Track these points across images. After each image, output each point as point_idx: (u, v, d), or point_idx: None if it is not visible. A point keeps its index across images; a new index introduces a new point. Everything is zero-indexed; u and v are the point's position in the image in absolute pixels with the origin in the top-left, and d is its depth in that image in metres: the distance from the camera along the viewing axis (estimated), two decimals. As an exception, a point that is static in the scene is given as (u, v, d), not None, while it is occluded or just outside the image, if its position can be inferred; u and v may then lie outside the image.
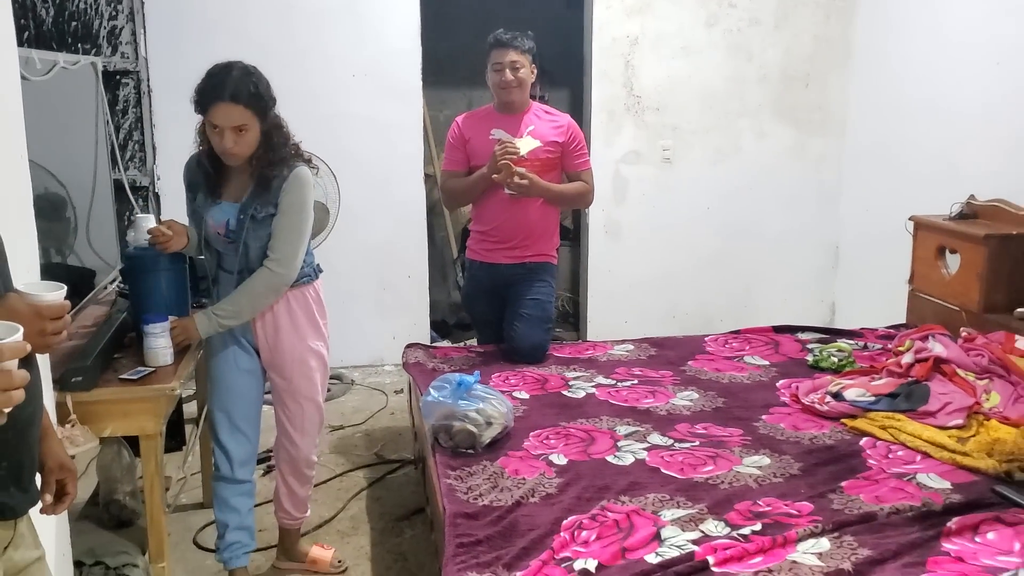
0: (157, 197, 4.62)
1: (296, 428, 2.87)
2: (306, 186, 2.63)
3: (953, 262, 3.83)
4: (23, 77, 2.15)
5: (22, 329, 1.18)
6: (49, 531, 1.99)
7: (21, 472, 1.51)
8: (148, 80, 4.57)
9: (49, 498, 1.66)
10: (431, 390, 2.86)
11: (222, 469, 2.79)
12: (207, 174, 2.64)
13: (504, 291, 3.72)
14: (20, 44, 2.21)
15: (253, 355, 2.78)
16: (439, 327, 5.67)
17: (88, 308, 2.93)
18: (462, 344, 4.64)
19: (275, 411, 2.90)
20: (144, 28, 4.53)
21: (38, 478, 1.62)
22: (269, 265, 2.62)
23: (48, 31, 4.16)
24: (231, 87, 2.46)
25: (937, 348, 3.24)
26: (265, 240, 2.63)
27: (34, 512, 1.60)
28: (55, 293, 1.42)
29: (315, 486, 3.49)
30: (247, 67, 2.53)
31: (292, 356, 2.77)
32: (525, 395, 3.22)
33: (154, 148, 4.64)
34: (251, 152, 2.56)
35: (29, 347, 1.19)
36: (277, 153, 2.58)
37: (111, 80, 4.35)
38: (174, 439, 3.78)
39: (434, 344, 4.94)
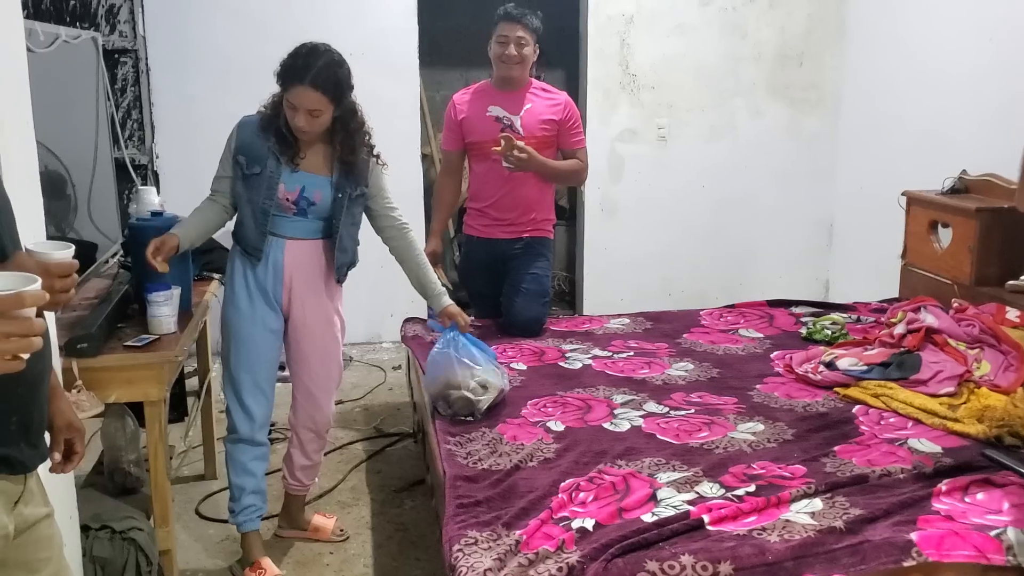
0: (156, 175, 4.64)
1: (322, 391, 2.92)
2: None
3: (945, 236, 3.88)
4: (28, 49, 2.17)
5: (40, 280, 1.22)
6: (56, 493, 2.02)
7: (30, 428, 1.53)
8: (147, 59, 4.58)
9: (58, 456, 1.69)
10: (433, 356, 2.89)
11: (242, 431, 2.81)
12: (284, 142, 2.67)
13: (501, 266, 3.75)
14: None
15: (280, 316, 2.81)
16: (436, 306, 5.70)
17: (91, 281, 2.97)
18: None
19: (296, 378, 2.92)
20: (142, 6, 4.54)
21: (47, 436, 1.66)
22: (409, 231, 2.91)
23: (47, 9, 4.17)
24: (313, 74, 2.54)
25: (929, 319, 3.29)
26: (356, 218, 2.82)
27: (44, 473, 1.63)
28: (63, 252, 1.45)
29: (315, 458, 3.55)
30: (333, 56, 2.61)
31: (324, 317, 2.85)
32: (523, 366, 3.26)
33: (152, 126, 4.66)
34: (321, 131, 2.66)
35: (48, 296, 1.22)
36: (356, 138, 2.72)
37: (109, 59, 4.37)
38: (176, 411, 3.82)
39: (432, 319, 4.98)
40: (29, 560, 1.58)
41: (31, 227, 2.01)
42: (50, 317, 1.89)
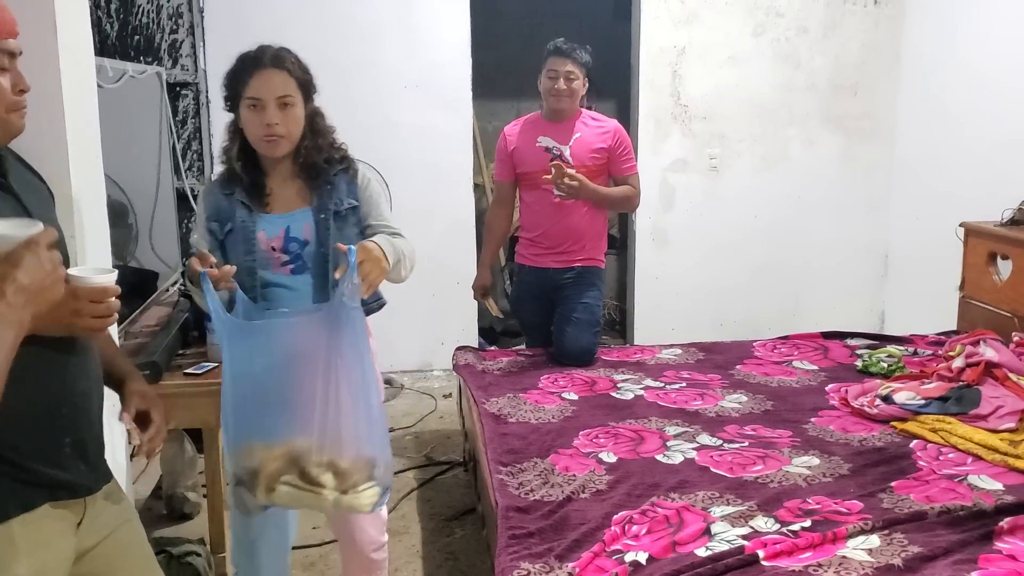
0: (214, 205, 4.74)
1: None
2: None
3: (1005, 268, 3.81)
4: (97, 85, 2.25)
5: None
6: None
7: (86, 448, 1.52)
8: (207, 92, 4.70)
9: (128, 417, 1.63)
10: None
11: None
12: (247, 187, 2.22)
13: (552, 295, 3.76)
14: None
15: None
16: (487, 334, 5.73)
17: (151, 308, 3.04)
18: (510, 349, 4.71)
19: None
20: (203, 41, 4.66)
21: (113, 455, 1.67)
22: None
23: (112, 44, 4.30)
24: (271, 54, 2.19)
25: (989, 352, 3.22)
26: (351, 238, 2.18)
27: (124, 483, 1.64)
28: (100, 276, 1.44)
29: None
30: (282, 46, 2.27)
31: None
32: (574, 396, 3.26)
33: (212, 158, 4.77)
34: (297, 136, 2.20)
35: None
36: (323, 139, 2.25)
37: (171, 92, 4.48)
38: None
39: (483, 348, 5.00)
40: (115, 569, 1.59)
41: (97, 256, 2.07)
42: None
